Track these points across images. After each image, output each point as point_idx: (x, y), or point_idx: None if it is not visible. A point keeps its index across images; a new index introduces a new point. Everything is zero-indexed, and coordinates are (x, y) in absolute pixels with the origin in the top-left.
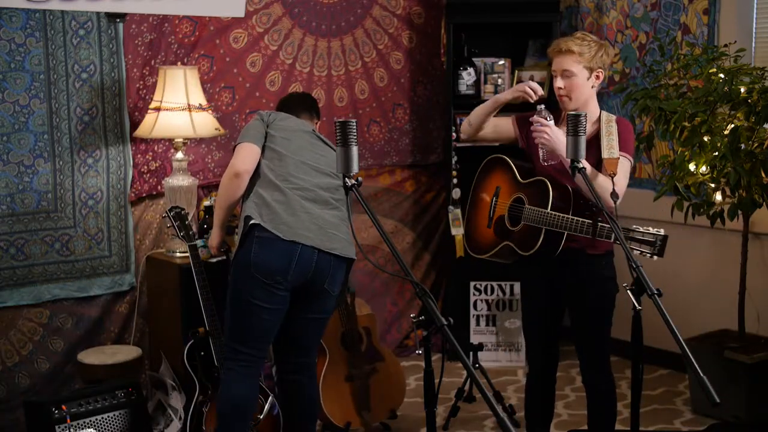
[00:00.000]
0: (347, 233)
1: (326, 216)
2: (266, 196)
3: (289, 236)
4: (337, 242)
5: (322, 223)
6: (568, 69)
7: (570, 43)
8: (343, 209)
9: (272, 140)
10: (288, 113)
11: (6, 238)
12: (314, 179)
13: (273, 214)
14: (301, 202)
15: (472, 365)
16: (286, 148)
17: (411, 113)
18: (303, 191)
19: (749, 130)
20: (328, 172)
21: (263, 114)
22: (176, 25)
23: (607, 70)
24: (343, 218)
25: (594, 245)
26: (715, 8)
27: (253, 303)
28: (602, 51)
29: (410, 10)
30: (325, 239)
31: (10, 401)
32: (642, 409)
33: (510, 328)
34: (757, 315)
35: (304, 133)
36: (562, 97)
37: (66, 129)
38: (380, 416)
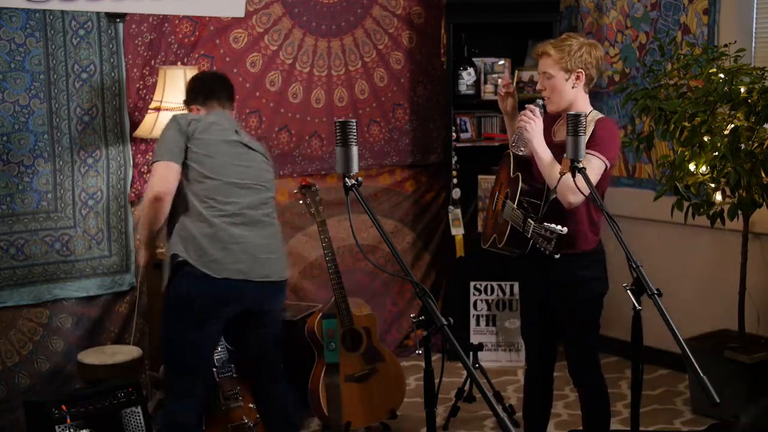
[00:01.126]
0: (280, 249)
1: (258, 240)
2: (192, 229)
3: (219, 273)
4: (271, 267)
5: (254, 249)
6: (546, 71)
7: (548, 46)
8: (276, 223)
9: (193, 158)
10: (210, 99)
11: (6, 238)
12: (243, 199)
13: (200, 251)
14: (230, 231)
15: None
16: (210, 169)
17: (411, 113)
18: (231, 217)
19: (749, 130)
20: (256, 186)
21: (182, 122)
22: (176, 25)
23: (593, 69)
24: (276, 234)
25: (571, 244)
26: (715, 8)
27: (186, 339)
28: (582, 50)
29: (410, 10)
30: (257, 267)
31: (10, 401)
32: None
33: (510, 328)
34: (757, 315)
35: (226, 144)
36: (546, 100)
37: (66, 129)
38: (380, 416)
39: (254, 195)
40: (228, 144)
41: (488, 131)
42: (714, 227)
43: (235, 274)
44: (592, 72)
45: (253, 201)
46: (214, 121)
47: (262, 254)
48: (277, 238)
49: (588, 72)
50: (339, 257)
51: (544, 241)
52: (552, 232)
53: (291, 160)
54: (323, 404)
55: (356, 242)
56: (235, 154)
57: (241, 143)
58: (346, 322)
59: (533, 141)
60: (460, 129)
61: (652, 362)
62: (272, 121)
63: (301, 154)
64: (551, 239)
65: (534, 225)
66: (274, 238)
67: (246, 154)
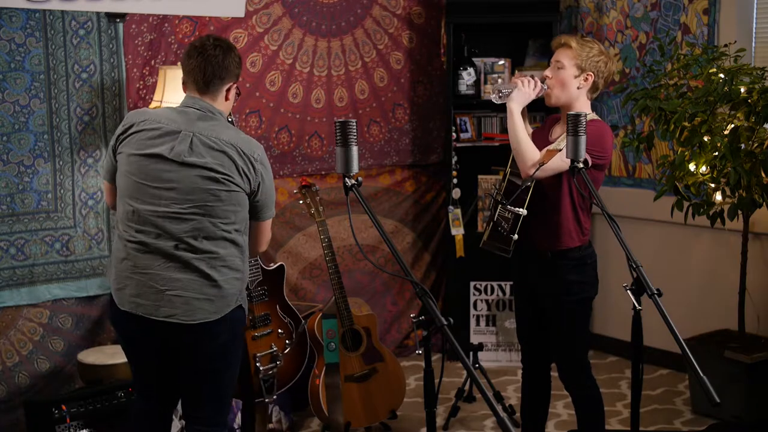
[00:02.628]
0: (206, 290)
1: (171, 274)
2: (115, 252)
3: (122, 305)
4: (179, 306)
5: (162, 284)
6: (559, 60)
7: (571, 39)
8: (204, 259)
9: (117, 176)
10: (186, 82)
11: (6, 238)
12: (156, 230)
13: (115, 276)
14: (138, 259)
15: (472, 365)
16: (126, 192)
17: (411, 113)
18: (143, 246)
19: (749, 130)
20: (177, 215)
21: (122, 126)
22: (176, 25)
23: (602, 79)
24: (198, 270)
25: (555, 238)
26: (715, 8)
27: (129, 361)
28: (601, 57)
29: (410, 10)
30: (160, 304)
31: (10, 401)
32: (642, 409)
33: (510, 328)
34: (757, 315)
35: (145, 159)
36: (546, 91)
37: (66, 129)
38: (380, 416)
39: (175, 225)
40: (148, 160)
41: (488, 131)
42: (714, 227)
43: (134, 308)
44: (599, 81)
45: (174, 231)
46: (150, 127)
47: (173, 291)
48: (202, 276)
49: (596, 79)
50: (339, 257)
51: (505, 222)
52: (511, 212)
53: (291, 160)
54: (323, 404)
55: (356, 242)
56: (156, 172)
57: (168, 159)
58: (346, 322)
59: (513, 99)
60: (460, 129)
61: (652, 362)
62: (272, 121)
63: (301, 154)
64: (509, 219)
65: (500, 209)
66: (199, 274)
67: (172, 172)
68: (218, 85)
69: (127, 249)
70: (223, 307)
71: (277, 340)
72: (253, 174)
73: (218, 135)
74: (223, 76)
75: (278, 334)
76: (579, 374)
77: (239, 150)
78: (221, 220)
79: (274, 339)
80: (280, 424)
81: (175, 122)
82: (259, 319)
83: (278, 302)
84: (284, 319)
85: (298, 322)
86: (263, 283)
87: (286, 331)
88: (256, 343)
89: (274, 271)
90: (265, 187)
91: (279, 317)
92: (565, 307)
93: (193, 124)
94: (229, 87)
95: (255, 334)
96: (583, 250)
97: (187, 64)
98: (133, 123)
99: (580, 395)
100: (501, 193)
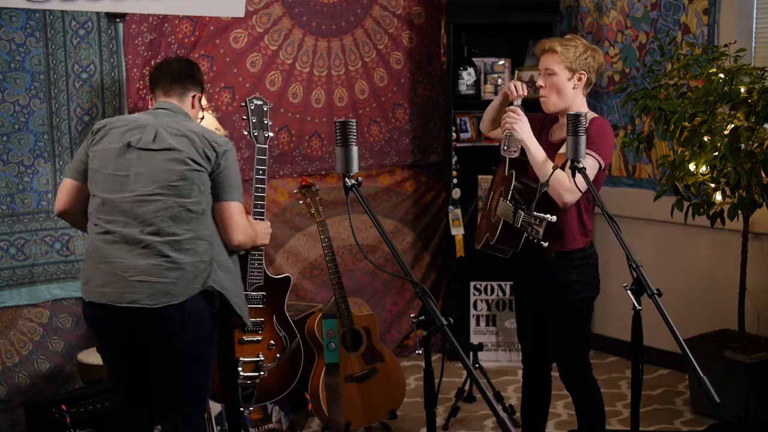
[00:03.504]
0: (169, 274)
1: (135, 261)
2: (86, 253)
3: (87, 296)
4: (143, 291)
5: (125, 271)
6: (549, 68)
7: (555, 42)
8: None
9: (89, 174)
10: (154, 90)
11: (6, 238)
12: (125, 218)
13: (84, 273)
14: (105, 250)
15: (472, 365)
16: (98, 187)
17: (411, 113)
18: (110, 235)
19: (749, 130)
20: (144, 197)
21: (93, 128)
22: (176, 25)
23: (593, 73)
24: (162, 255)
25: (560, 240)
26: (715, 8)
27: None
28: (588, 53)
29: (410, 10)
30: (124, 291)
31: (10, 401)
32: (642, 409)
33: (510, 328)
34: (757, 315)
35: (115, 152)
36: (542, 98)
37: (66, 129)
38: (380, 416)
39: (146, 206)
40: (117, 152)
41: None
42: (714, 227)
43: (98, 297)
44: (592, 76)
45: (143, 212)
46: (121, 124)
47: (136, 276)
48: (166, 258)
49: (589, 75)
50: (339, 257)
51: (533, 229)
52: (541, 219)
53: (291, 160)
54: (323, 404)
55: (356, 242)
56: (124, 162)
57: (135, 147)
58: (346, 322)
59: (525, 139)
60: (460, 129)
61: (652, 362)
62: (272, 121)
63: (301, 154)
64: (539, 227)
65: (524, 215)
66: (161, 256)
67: (138, 159)
68: (184, 89)
69: (95, 242)
70: (187, 289)
71: (267, 351)
72: (213, 154)
73: (184, 126)
74: (187, 82)
75: (269, 345)
76: (580, 374)
77: (201, 135)
78: (187, 200)
79: (263, 349)
80: (280, 424)
81: (143, 119)
82: (251, 326)
83: (276, 313)
84: (279, 332)
85: (293, 337)
86: (263, 289)
87: (278, 344)
88: (242, 347)
89: (279, 281)
90: (227, 168)
91: (274, 328)
92: (567, 307)
93: (160, 119)
94: (195, 95)
95: (243, 338)
96: (586, 251)
97: (155, 75)
98: (106, 124)
99: (581, 396)
100: (513, 197)
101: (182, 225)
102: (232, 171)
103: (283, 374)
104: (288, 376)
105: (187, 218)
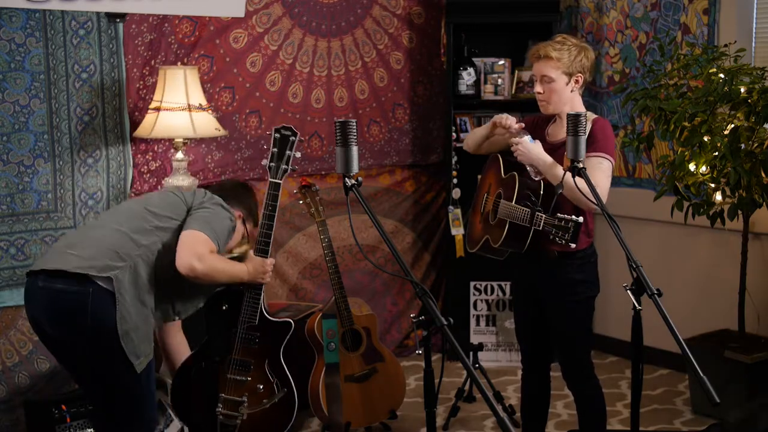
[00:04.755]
0: (112, 253)
1: (79, 236)
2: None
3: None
4: (73, 260)
5: (72, 241)
6: (546, 75)
7: (549, 48)
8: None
9: None
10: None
11: (6, 238)
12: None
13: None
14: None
15: (472, 365)
16: None
17: (411, 113)
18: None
19: (749, 130)
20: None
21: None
22: (176, 25)
23: (588, 73)
24: (112, 234)
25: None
26: (715, 8)
27: None
28: (582, 55)
29: (410, 10)
30: (57, 258)
31: (10, 401)
32: (642, 409)
33: (510, 328)
34: (757, 315)
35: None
36: (542, 102)
37: (66, 129)
38: (380, 416)
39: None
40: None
41: None
42: (714, 227)
43: (34, 267)
44: (587, 75)
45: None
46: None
47: (74, 249)
48: (108, 240)
49: (585, 75)
50: (339, 257)
51: (559, 231)
52: (568, 221)
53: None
54: (323, 404)
55: (356, 242)
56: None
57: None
58: (346, 322)
59: (535, 160)
60: (460, 129)
61: (652, 362)
62: (272, 121)
63: (301, 154)
64: (567, 228)
65: (545, 217)
66: (108, 239)
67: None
68: None
69: None
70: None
71: (254, 394)
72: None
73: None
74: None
75: (257, 388)
76: (582, 373)
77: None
78: None
79: (250, 391)
80: None
81: None
82: (236, 362)
83: (270, 358)
84: (271, 378)
85: (286, 385)
86: (257, 329)
87: (266, 390)
88: (225, 383)
89: (277, 325)
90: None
91: (265, 372)
92: (570, 306)
93: None
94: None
95: (228, 375)
96: (587, 250)
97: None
98: None
99: (584, 394)
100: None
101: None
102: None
103: (271, 422)
104: (277, 425)
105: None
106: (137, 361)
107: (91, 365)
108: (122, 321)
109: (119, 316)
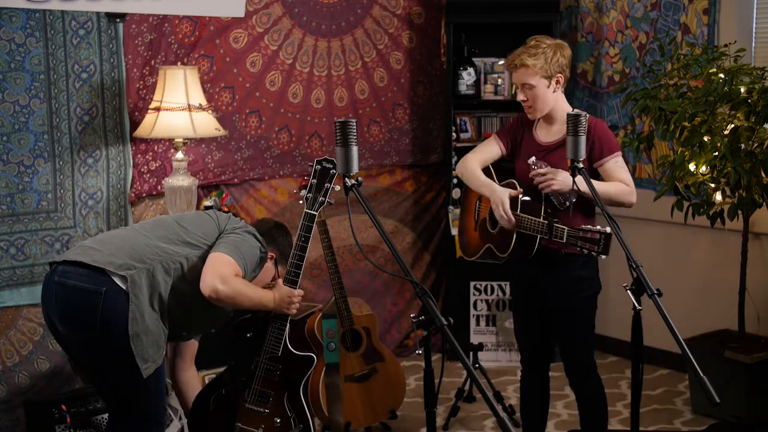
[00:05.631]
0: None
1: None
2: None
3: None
4: (94, 254)
5: (97, 239)
6: (526, 82)
7: (523, 56)
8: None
9: None
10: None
11: (6, 238)
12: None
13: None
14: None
15: (472, 365)
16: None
17: (411, 113)
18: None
19: (749, 130)
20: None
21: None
22: (176, 25)
23: (567, 69)
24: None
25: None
26: (715, 8)
27: None
28: (558, 54)
29: (410, 10)
30: (78, 251)
31: (10, 401)
32: (642, 409)
33: (510, 328)
34: (757, 315)
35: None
36: (528, 109)
37: (66, 129)
38: (380, 416)
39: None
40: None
41: (488, 131)
42: (714, 227)
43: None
44: (566, 72)
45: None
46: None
47: (100, 246)
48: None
49: (564, 73)
50: (339, 257)
51: (587, 242)
52: (595, 232)
53: (291, 160)
54: (323, 404)
55: (356, 242)
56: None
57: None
58: (346, 322)
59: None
60: (460, 129)
61: (652, 362)
62: (272, 121)
63: (301, 154)
64: (597, 241)
65: (569, 229)
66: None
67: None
68: None
69: None
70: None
71: (270, 427)
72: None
73: None
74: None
75: (274, 421)
76: (585, 372)
77: None
78: None
79: (267, 423)
80: None
81: None
82: (256, 392)
83: (289, 392)
84: (289, 412)
85: (303, 422)
86: (280, 361)
87: (284, 424)
88: (244, 411)
89: (300, 359)
90: None
91: (284, 406)
92: (577, 303)
93: None
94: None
95: (246, 405)
96: None
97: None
98: None
99: (586, 393)
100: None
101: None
102: None
103: None
104: None
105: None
106: (145, 365)
107: (98, 365)
108: (134, 322)
109: (131, 317)
